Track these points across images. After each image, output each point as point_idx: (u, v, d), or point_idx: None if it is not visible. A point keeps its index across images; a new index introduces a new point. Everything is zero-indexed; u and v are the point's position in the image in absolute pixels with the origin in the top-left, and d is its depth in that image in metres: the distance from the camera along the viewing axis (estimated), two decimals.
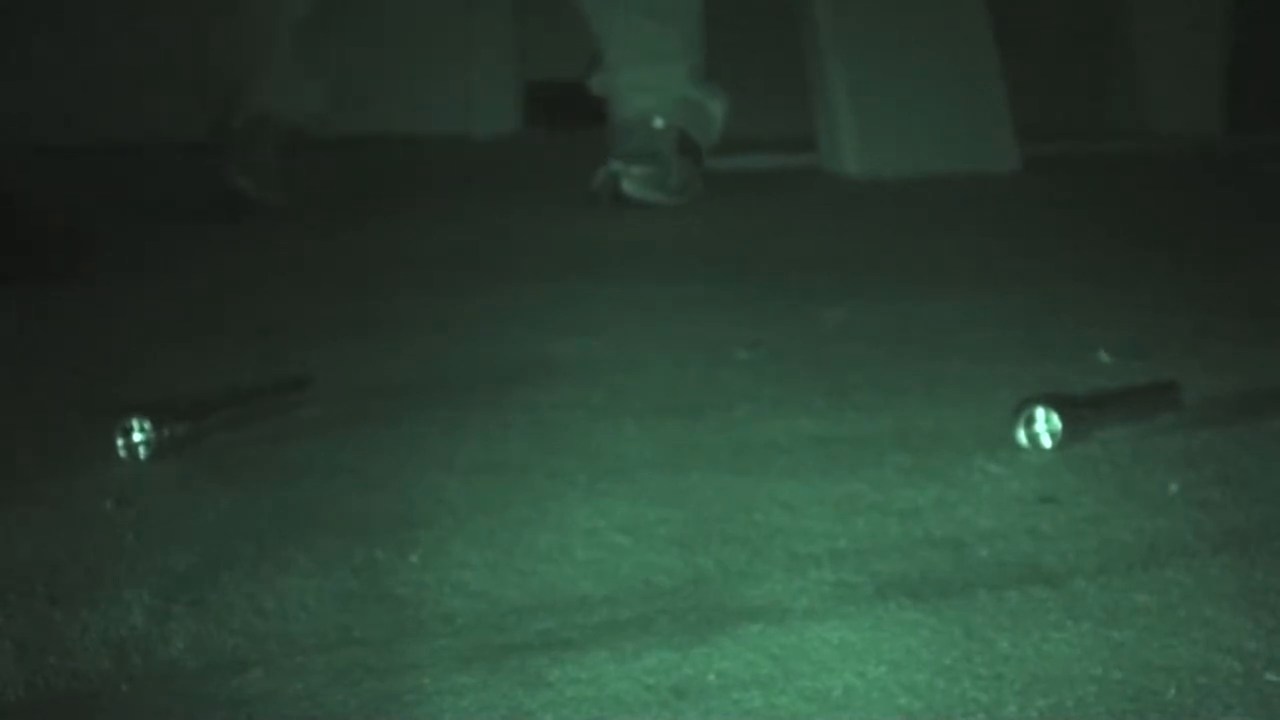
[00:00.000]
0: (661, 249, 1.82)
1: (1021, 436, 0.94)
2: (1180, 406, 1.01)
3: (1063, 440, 0.93)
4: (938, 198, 2.05)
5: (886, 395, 1.07)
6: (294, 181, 1.96)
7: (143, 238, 1.78)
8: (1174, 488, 0.86)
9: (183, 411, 0.95)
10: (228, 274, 1.61)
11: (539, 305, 1.43)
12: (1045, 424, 0.93)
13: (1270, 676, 0.62)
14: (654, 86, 1.93)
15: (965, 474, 0.89)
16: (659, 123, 1.93)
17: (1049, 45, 2.85)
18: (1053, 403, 0.93)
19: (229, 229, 1.86)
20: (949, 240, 1.81)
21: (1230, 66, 2.93)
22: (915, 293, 1.49)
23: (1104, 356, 1.17)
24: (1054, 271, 1.63)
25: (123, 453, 0.92)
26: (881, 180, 2.12)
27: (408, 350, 1.24)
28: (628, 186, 1.88)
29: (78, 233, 1.60)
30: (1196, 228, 1.96)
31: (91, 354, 1.23)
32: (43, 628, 0.68)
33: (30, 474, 0.90)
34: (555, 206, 2.02)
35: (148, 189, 2.05)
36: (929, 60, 1.96)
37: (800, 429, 0.99)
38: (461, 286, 1.53)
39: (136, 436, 0.93)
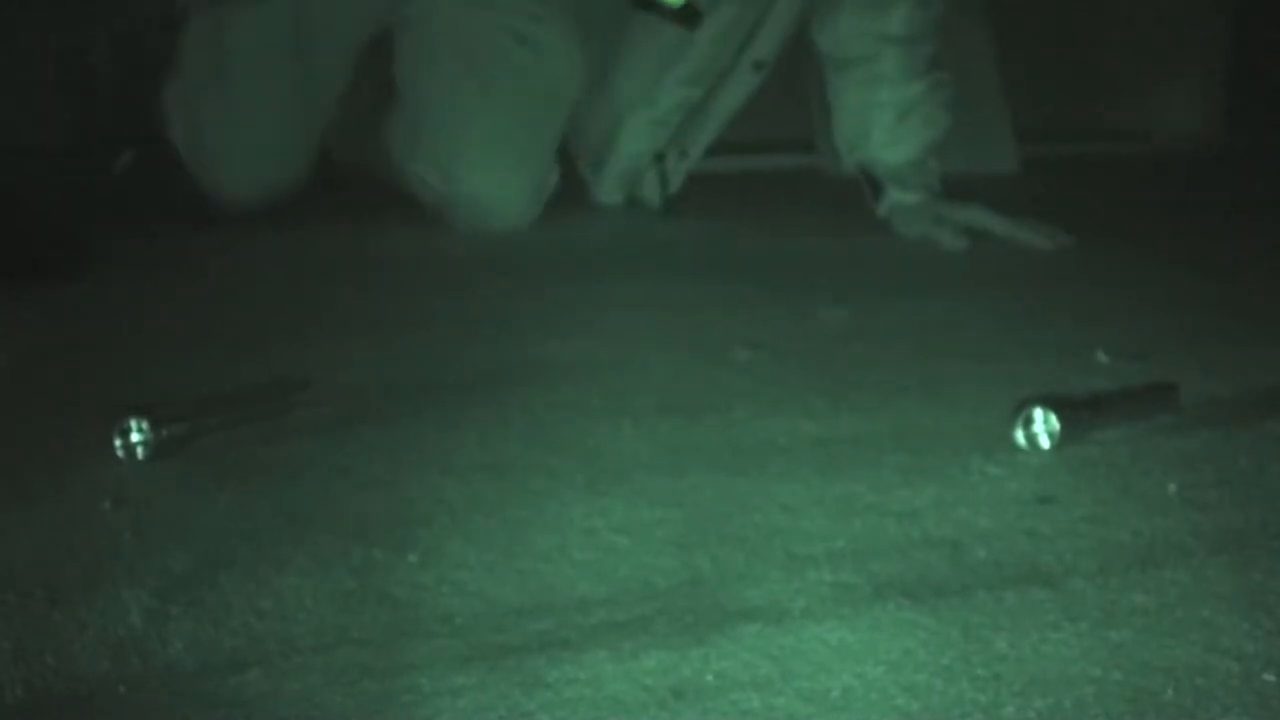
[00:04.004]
0: (660, 249, 1.82)
1: (1020, 437, 0.94)
2: (1179, 407, 1.01)
3: (1061, 441, 0.93)
4: None
5: (885, 396, 1.08)
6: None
7: (140, 238, 1.78)
8: (1172, 488, 0.87)
9: (181, 412, 0.95)
10: (225, 274, 1.62)
11: (537, 305, 1.43)
12: (1044, 424, 0.93)
13: (1268, 677, 0.62)
14: None
15: (963, 474, 0.89)
16: None
17: (1047, 46, 2.85)
18: (1051, 403, 0.94)
19: (226, 229, 1.86)
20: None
21: (1229, 67, 2.93)
22: (913, 293, 1.50)
23: (1102, 357, 1.17)
24: (1052, 272, 1.63)
25: (120, 453, 0.92)
26: None
27: (405, 350, 1.24)
28: None
29: (75, 233, 1.60)
30: (1195, 228, 1.96)
31: (89, 354, 1.23)
32: (40, 628, 0.68)
33: (27, 474, 0.90)
34: (551, 207, 2.02)
35: (146, 189, 2.05)
36: None
37: (799, 429, 0.99)
38: (459, 286, 1.53)
39: (134, 437, 0.93)
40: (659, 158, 2.05)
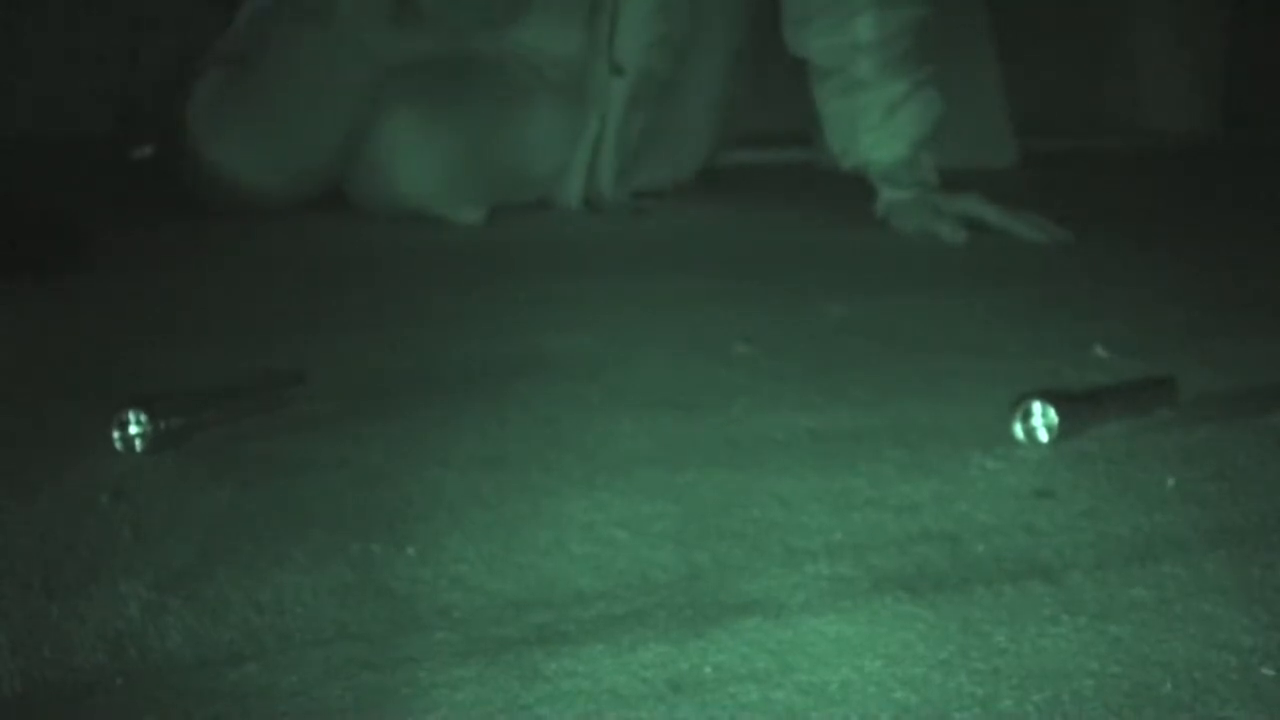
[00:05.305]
0: (658, 244, 1.82)
1: (1018, 431, 0.94)
2: (1177, 402, 1.01)
3: (1059, 435, 0.93)
4: None
5: (883, 391, 1.08)
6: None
7: (138, 232, 1.78)
8: (1170, 483, 0.87)
9: (179, 405, 0.95)
10: (222, 269, 1.61)
11: (535, 300, 1.43)
12: (1042, 419, 0.93)
13: (1266, 671, 0.62)
14: None
15: (962, 469, 0.89)
16: None
17: (1046, 41, 2.85)
18: (1049, 398, 0.94)
19: (222, 223, 1.86)
20: None
21: (1228, 63, 2.93)
22: (912, 288, 1.50)
23: (1100, 352, 1.17)
24: (1050, 267, 1.63)
25: (119, 446, 0.92)
26: None
27: (403, 345, 1.24)
28: None
29: (73, 226, 1.60)
30: (1193, 224, 1.96)
31: (87, 347, 1.23)
32: (38, 621, 0.68)
33: (26, 467, 0.90)
34: (546, 205, 2.02)
35: (144, 184, 2.05)
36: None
37: (797, 424, 0.99)
38: (457, 282, 1.53)
39: (133, 429, 0.92)
40: (586, 202, 2.07)
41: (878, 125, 1.86)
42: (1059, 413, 0.93)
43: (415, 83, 1.93)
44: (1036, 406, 0.93)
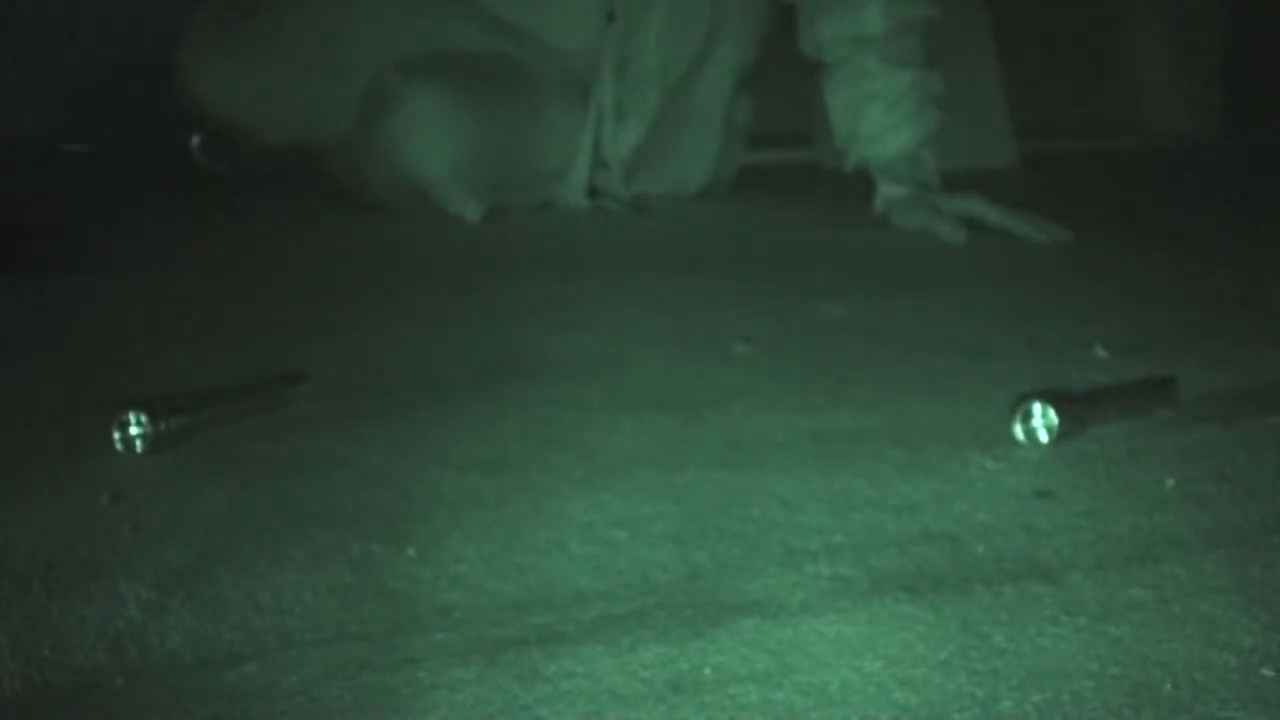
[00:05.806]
0: (658, 244, 1.82)
1: (1018, 432, 0.94)
2: (1177, 402, 1.01)
3: (1059, 436, 0.93)
4: None
5: (883, 391, 1.08)
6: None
7: (138, 232, 1.78)
8: (1170, 483, 0.87)
9: (179, 405, 0.95)
10: (222, 269, 1.61)
11: (534, 301, 1.43)
12: (1042, 419, 0.93)
13: (1266, 671, 0.62)
14: None
15: (962, 469, 0.89)
16: None
17: (1046, 41, 2.85)
18: (1049, 398, 0.94)
19: (222, 224, 1.86)
20: None
21: (1227, 63, 2.93)
22: (912, 288, 1.50)
23: (1100, 352, 1.17)
24: (1050, 267, 1.63)
25: (119, 446, 0.92)
26: None
27: (403, 345, 1.24)
28: None
29: (73, 226, 1.60)
30: (1193, 224, 1.96)
31: (87, 348, 1.23)
32: (38, 621, 0.68)
33: (26, 468, 0.90)
34: (542, 206, 2.02)
35: (144, 184, 2.05)
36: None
37: (797, 424, 0.99)
38: (456, 282, 1.53)
39: (133, 430, 0.93)
40: (593, 193, 2.06)
41: (880, 116, 1.87)
42: (1059, 413, 0.93)
43: (442, 67, 1.93)
44: (1036, 407, 0.93)
